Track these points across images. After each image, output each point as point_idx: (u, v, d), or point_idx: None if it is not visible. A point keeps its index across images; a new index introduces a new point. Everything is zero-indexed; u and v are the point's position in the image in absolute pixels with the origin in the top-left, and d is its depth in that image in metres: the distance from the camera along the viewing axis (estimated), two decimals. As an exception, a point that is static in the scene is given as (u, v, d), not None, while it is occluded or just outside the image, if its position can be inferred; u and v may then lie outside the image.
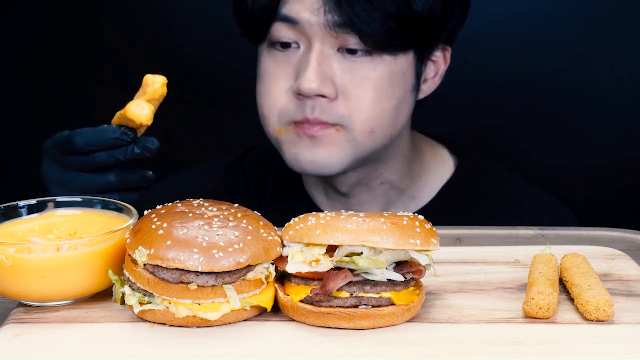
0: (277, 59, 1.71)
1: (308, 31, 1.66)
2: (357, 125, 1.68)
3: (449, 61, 1.80)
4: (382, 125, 1.71)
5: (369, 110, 1.68)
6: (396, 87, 1.70)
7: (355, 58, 1.67)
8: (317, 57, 1.66)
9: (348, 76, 1.67)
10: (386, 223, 1.19)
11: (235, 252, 1.17)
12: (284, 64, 1.70)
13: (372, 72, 1.67)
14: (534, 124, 2.68)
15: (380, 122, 1.70)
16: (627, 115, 2.63)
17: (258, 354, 1.12)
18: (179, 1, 2.75)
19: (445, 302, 1.27)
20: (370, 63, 1.67)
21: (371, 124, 1.69)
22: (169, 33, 2.72)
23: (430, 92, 1.81)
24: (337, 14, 1.62)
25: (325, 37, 1.65)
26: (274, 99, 1.72)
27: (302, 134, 1.70)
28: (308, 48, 1.68)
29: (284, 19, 1.67)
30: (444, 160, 1.95)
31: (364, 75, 1.67)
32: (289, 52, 1.70)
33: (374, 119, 1.69)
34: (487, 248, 1.50)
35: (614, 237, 1.64)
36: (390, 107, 1.70)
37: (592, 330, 1.17)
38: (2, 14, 2.74)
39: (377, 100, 1.68)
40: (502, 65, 2.63)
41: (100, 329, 1.19)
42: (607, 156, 2.65)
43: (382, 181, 1.85)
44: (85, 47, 2.74)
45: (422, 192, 1.91)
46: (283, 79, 1.70)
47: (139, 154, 1.47)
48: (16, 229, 1.31)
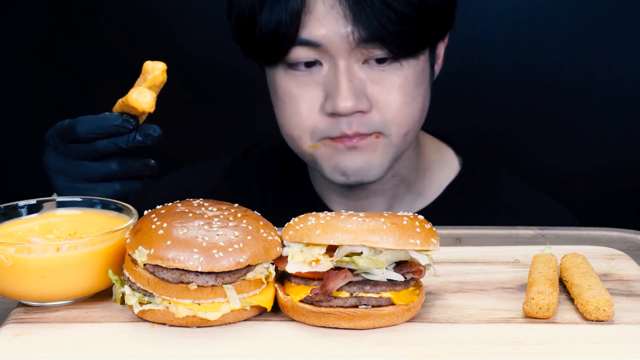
0: (300, 79, 1.69)
1: (331, 51, 1.64)
2: (393, 130, 1.70)
3: (446, 41, 1.81)
4: (413, 125, 1.73)
5: (402, 115, 1.69)
6: (421, 86, 1.72)
7: (383, 67, 1.67)
8: (345, 74, 1.64)
9: (377, 86, 1.67)
10: (386, 223, 1.19)
11: (235, 252, 1.17)
12: (309, 84, 1.68)
13: (399, 78, 1.67)
14: (535, 124, 2.68)
15: (412, 123, 1.72)
16: (627, 115, 2.63)
17: (258, 354, 1.12)
18: (179, 1, 2.75)
19: (445, 302, 1.27)
20: (397, 70, 1.67)
21: (406, 126, 1.71)
22: (169, 33, 2.72)
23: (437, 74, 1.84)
24: (362, 30, 1.61)
25: (351, 53, 1.64)
26: (305, 121, 1.70)
27: (341, 146, 1.69)
28: (333, 66, 1.65)
29: (304, 44, 1.64)
30: (448, 159, 1.95)
31: (392, 82, 1.67)
32: (312, 72, 1.68)
33: (408, 122, 1.71)
34: (487, 248, 1.50)
35: (614, 237, 1.64)
36: (419, 106, 1.73)
37: (592, 330, 1.17)
38: (2, 14, 2.74)
39: (407, 104, 1.69)
40: (503, 66, 2.64)
41: (100, 329, 1.19)
42: (608, 157, 2.65)
43: (393, 174, 1.86)
44: (85, 47, 2.74)
45: (428, 189, 1.92)
46: (312, 100, 1.68)
47: (141, 141, 1.46)
48: (16, 229, 1.31)
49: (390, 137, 1.71)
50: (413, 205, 1.90)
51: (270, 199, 1.98)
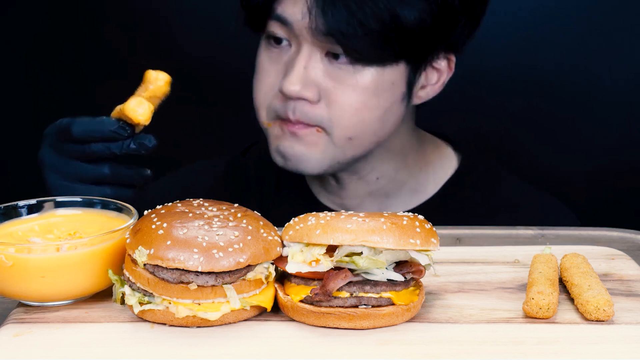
0: (271, 55, 1.74)
1: (298, 33, 1.67)
2: (336, 130, 1.69)
3: (453, 69, 1.78)
4: (362, 133, 1.71)
5: (350, 118, 1.68)
6: (382, 97, 1.69)
7: (341, 65, 1.67)
8: (303, 60, 1.67)
9: (332, 82, 1.67)
10: (386, 223, 1.19)
11: (235, 252, 1.17)
12: (276, 61, 1.72)
13: (357, 81, 1.67)
14: (535, 124, 2.68)
15: (361, 130, 1.70)
16: (627, 116, 2.63)
17: (258, 354, 1.12)
18: (179, 1, 2.75)
19: (445, 302, 1.27)
20: (356, 72, 1.66)
21: (351, 131, 1.69)
22: (169, 33, 2.72)
23: (429, 98, 1.80)
24: (322, 22, 1.62)
25: (314, 41, 1.65)
26: (264, 94, 1.74)
27: (286, 130, 1.72)
28: (297, 49, 1.69)
29: (277, 18, 1.69)
30: (447, 157, 1.95)
31: (348, 82, 1.67)
32: (282, 50, 1.72)
33: (355, 127, 1.69)
34: (487, 248, 1.50)
35: (614, 237, 1.64)
36: (374, 116, 1.70)
37: (592, 330, 1.17)
38: (2, 14, 2.74)
39: (359, 109, 1.68)
40: (504, 66, 2.63)
41: (100, 329, 1.19)
42: (608, 157, 2.65)
43: (377, 176, 1.86)
44: (85, 47, 2.74)
45: (423, 187, 1.92)
46: (273, 76, 1.72)
47: (135, 149, 1.47)
48: (16, 229, 1.31)
49: (332, 136, 1.70)
50: (409, 203, 1.90)
51: (269, 197, 1.98)
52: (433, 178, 1.93)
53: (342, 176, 1.85)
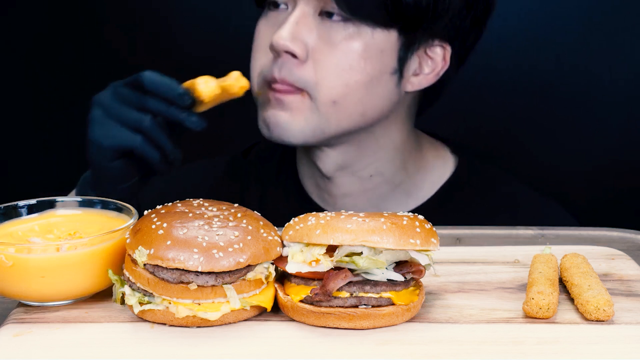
0: (268, 19, 1.75)
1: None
2: (321, 92, 1.68)
3: (449, 62, 1.77)
4: (346, 98, 1.69)
5: (334, 80, 1.67)
6: (369, 62, 1.68)
7: (332, 23, 1.67)
8: (296, 16, 1.67)
9: (322, 42, 1.67)
10: (386, 223, 1.19)
11: (235, 252, 1.17)
12: (273, 23, 1.73)
13: (345, 40, 1.67)
14: (535, 124, 2.68)
15: (345, 94, 1.69)
16: (627, 116, 2.63)
17: (258, 354, 1.12)
18: (179, 1, 2.75)
19: (445, 302, 1.27)
20: (345, 30, 1.66)
21: (335, 93, 1.68)
22: (169, 33, 2.72)
23: (422, 88, 1.78)
24: None
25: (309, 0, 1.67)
26: (258, 57, 1.75)
27: (271, 97, 1.71)
28: (293, 8, 1.70)
29: None
30: (444, 159, 1.94)
31: (337, 41, 1.67)
32: (279, 12, 1.73)
33: (338, 89, 1.68)
34: (487, 248, 1.50)
35: (614, 237, 1.64)
36: (358, 81, 1.68)
37: (592, 330, 1.17)
38: (2, 14, 2.74)
39: (345, 70, 1.67)
40: (504, 67, 2.63)
41: (100, 329, 1.19)
42: (608, 157, 2.65)
43: (371, 173, 1.85)
44: (85, 47, 2.74)
45: (419, 189, 1.90)
46: (268, 37, 1.72)
47: (181, 119, 1.54)
48: (16, 229, 1.31)
49: (316, 100, 1.68)
50: (404, 206, 1.90)
51: (269, 197, 1.98)
52: (430, 181, 1.91)
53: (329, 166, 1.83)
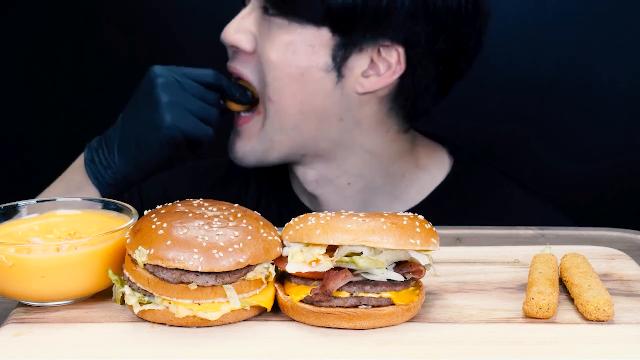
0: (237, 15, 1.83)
1: None
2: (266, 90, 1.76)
3: (404, 65, 1.74)
4: (279, 94, 1.75)
5: (270, 73, 1.75)
6: (299, 57, 1.73)
7: (270, 18, 1.74)
8: (246, 11, 1.78)
9: (261, 36, 1.76)
10: (386, 223, 1.19)
11: (235, 252, 1.17)
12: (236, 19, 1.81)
13: (278, 35, 1.73)
14: (535, 125, 2.68)
15: (278, 89, 1.75)
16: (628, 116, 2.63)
17: (258, 354, 1.12)
18: (179, 1, 2.75)
19: (445, 302, 1.27)
20: (278, 25, 1.73)
21: (271, 88, 1.75)
22: (169, 33, 2.72)
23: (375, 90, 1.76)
24: None
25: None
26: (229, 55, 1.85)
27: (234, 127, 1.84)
28: None
29: None
30: (440, 162, 1.93)
31: (271, 34, 1.74)
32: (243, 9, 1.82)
33: (272, 84, 1.75)
34: (487, 248, 1.50)
35: (614, 237, 1.64)
36: (289, 75, 1.74)
37: (592, 330, 1.17)
38: (2, 14, 2.74)
39: (277, 64, 1.74)
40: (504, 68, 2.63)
41: (100, 329, 1.19)
42: (608, 157, 2.65)
43: (348, 181, 1.85)
44: (85, 48, 2.74)
45: (408, 193, 1.89)
46: None
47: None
48: (16, 229, 1.31)
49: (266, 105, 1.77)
50: (392, 208, 1.88)
51: (266, 200, 1.98)
52: (421, 184, 1.90)
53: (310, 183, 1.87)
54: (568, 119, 2.65)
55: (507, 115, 2.67)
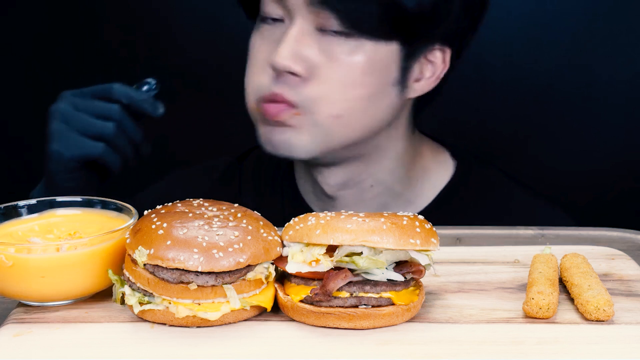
0: (264, 34, 1.72)
1: (291, 6, 1.65)
2: (321, 108, 1.67)
3: (449, 64, 1.76)
4: (350, 112, 1.68)
5: (337, 94, 1.66)
6: (373, 77, 1.67)
7: (332, 38, 1.65)
8: (295, 33, 1.65)
9: (323, 57, 1.65)
10: (386, 223, 1.19)
11: (235, 252, 1.17)
12: (268, 38, 1.70)
13: (348, 56, 1.65)
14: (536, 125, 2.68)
15: (348, 108, 1.68)
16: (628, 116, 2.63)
17: (258, 354, 1.12)
18: (179, 1, 2.75)
19: (445, 302, 1.27)
20: (347, 45, 1.65)
21: (338, 108, 1.67)
22: (169, 33, 2.72)
23: (424, 92, 1.77)
24: None
25: (307, 14, 1.64)
26: (255, 74, 1.73)
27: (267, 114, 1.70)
28: (290, 24, 1.67)
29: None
30: (444, 164, 1.93)
31: (340, 57, 1.65)
32: (275, 27, 1.70)
33: (342, 105, 1.67)
34: (487, 248, 1.50)
35: (614, 237, 1.64)
36: (362, 95, 1.67)
37: (592, 330, 1.17)
38: (2, 14, 2.74)
39: (347, 85, 1.66)
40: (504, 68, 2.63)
41: (100, 329, 1.19)
42: (608, 157, 2.65)
43: (372, 183, 1.83)
44: (85, 48, 2.74)
45: (420, 197, 1.90)
46: (265, 53, 1.70)
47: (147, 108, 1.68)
48: (16, 229, 1.31)
49: (314, 115, 1.67)
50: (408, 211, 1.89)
51: (264, 204, 1.98)
52: (429, 187, 1.90)
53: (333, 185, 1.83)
54: (568, 119, 2.65)
55: (507, 115, 2.67)
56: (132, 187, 2.03)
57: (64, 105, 1.64)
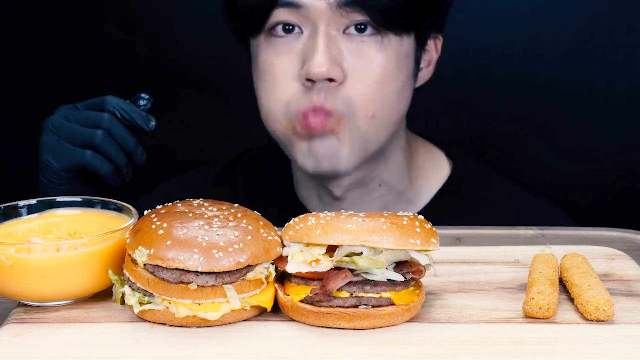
0: (279, 47, 1.68)
1: (312, 14, 1.63)
2: (358, 109, 1.66)
3: (439, 51, 1.78)
4: (383, 109, 1.68)
5: (372, 94, 1.66)
6: (402, 70, 1.68)
7: (362, 38, 1.64)
8: (324, 40, 1.63)
9: (355, 58, 1.65)
10: (386, 223, 1.19)
11: (235, 252, 1.17)
12: (288, 52, 1.67)
13: (380, 53, 1.65)
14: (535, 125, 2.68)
15: (382, 105, 1.68)
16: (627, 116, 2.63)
17: (258, 354, 1.12)
18: (179, 1, 2.75)
19: (445, 302, 1.27)
20: (378, 44, 1.65)
21: (373, 107, 1.67)
22: (169, 33, 2.72)
23: (425, 81, 1.79)
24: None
25: (331, 18, 1.62)
26: (281, 90, 1.69)
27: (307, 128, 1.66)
28: (313, 32, 1.64)
29: (286, 4, 1.64)
30: (439, 163, 1.93)
31: (372, 56, 1.65)
32: (291, 38, 1.67)
33: (376, 103, 1.67)
34: (487, 248, 1.50)
35: (614, 237, 1.64)
36: (394, 89, 1.68)
37: (592, 330, 1.17)
38: (2, 14, 2.74)
39: (382, 82, 1.66)
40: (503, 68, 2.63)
41: (100, 329, 1.19)
42: (608, 157, 2.65)
43: (380, 182, 1.84)
44: (85, 48, 2.74)
45: (419, 196, 1.90)
46: (289, 67, 1.67)
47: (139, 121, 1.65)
48: (16, 229, 1.31)
49: (354, 118, 1.66)
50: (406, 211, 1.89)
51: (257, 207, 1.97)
52: (427, 187, 1.90)
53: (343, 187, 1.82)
54: (568, 119, 2.65)
55: (507, 115, 2.67)
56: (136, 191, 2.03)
57: (56, 117, 1.66)
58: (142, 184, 2.01)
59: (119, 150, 1.61)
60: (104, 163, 1.60)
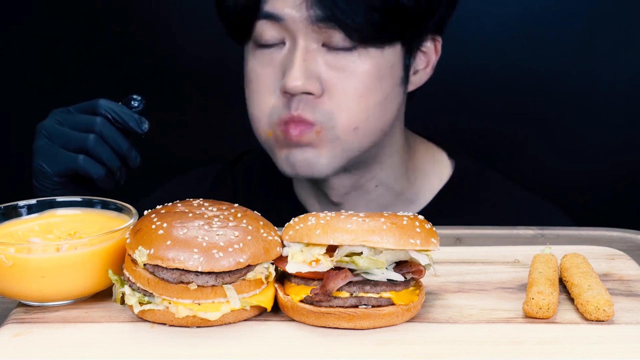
0: (263, 58, 1.70)
1: (292, 27, 1.64)
2: (340, 121, 1.66)
3: (439, 52, 1.77)
4: (367, 121, 1.68)
5: (354, 107, 1.66)
6: (384, 82, 1.68)
7: (338, 52, 1.64)
8: (301, 54, 1.64)
9: (333, 72, 1.65)
10: (386, 223, 1.19)
11: (235, 252, 1.17)
12: (270, 63, 1.69)
13: (359, 67, 1.65)
14: (535, 125, 2.68)
15: (366, 118, 1.68)
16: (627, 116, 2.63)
17: (258, 354, 1.12)
18: (179, 1, 2.75)
19: (445, 302, 1.27)
20: (356, 57, 1.65)
21: (355, 120, 1.67)
22: (169, 33, 2.72)
23: (422, 84, 1.79)
24: (320, 9, 1.60)
25: (309, 32, 1.63)
26: (263, 100, 1.71)
27: (287, 137, 1.68)
28: (293, 45, 1.66)
29: (267, 17, 1.65)
30: (441, 163, 1.93)
31: (350, 70, 1.65)
32: (274, 51, 1.69)
33: (359, 116, 1.67)
34: (487, 248, 1.50)
35: (614, 237, 1.64)
36: (377, 102, 1.68)
37: (592, 330, 1.17)
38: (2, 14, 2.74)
39: (363, 95, 1.66)
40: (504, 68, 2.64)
41: (100, 329, 1.19)
42: (608, 157, 2.65)
43: (376, 183, 1.83)
44: (85, 48, 2.74)
45: (419, 196, 1.90)
46: (271, 78, 1.69)
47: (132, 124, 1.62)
48: (16, 229, 1.31)
49: (334, 129, 1.66)
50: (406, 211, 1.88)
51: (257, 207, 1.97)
52: (428, 187, 1.90)
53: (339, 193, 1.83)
54: (568, 119, 2.65)
55: (507, 115, 2.68)
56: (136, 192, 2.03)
57: (49, 121, 1.64)
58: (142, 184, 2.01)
59: (111, 153, 1.60)
60: (96, 167, 1.60)
